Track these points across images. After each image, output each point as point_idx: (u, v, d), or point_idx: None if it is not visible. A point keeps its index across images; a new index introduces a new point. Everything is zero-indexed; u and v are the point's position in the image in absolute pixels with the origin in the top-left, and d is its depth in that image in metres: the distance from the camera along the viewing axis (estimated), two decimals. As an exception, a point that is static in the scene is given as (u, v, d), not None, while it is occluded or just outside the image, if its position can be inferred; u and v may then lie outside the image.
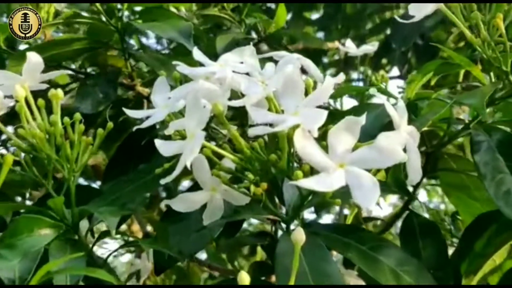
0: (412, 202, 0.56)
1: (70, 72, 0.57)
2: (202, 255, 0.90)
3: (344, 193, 0.36)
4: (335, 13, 1.21)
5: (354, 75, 1.22)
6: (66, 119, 0.42)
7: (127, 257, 1.19)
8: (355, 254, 0.42)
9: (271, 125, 0.36)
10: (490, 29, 0.43)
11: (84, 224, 0.46)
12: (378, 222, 0.83)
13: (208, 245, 0.51)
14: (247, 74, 0.46)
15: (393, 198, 1.29)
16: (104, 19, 0.64)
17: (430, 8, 0.41)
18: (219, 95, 0.40)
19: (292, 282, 0.34)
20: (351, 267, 0.72)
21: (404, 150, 0.38)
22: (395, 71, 1.24)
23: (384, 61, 1.19)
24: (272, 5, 1.10)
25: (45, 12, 0.70)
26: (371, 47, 0.84)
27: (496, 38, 0.43)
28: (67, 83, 0.74)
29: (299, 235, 0.34)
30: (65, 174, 0.42)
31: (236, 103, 0.39)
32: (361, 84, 0.99)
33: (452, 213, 0.76)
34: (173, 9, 0.79)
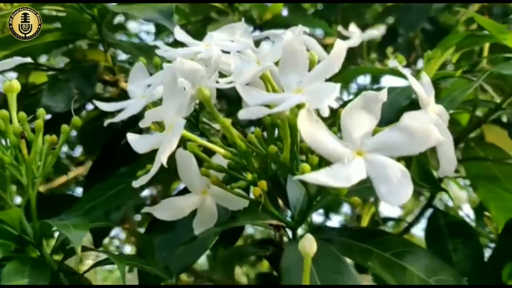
0: (433, 199, 0.49)
1: (29, 60, 0.50)
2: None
3: (363, 189, 0.29)
4: (334, 5, 1.14)
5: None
6: (22, 114, 0.35)
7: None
8: (377, 263, 0.34)
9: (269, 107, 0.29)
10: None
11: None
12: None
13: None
14: (238, 52, 0.38)
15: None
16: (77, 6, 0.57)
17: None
18: (204, 76, 0.33)
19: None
20: (364, 272, 0.65)
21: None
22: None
23: (389, 50, 1.12)
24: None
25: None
26: (376, 32, 0.77)
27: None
28: (44, 82, 0.67)
29: (309, 244, 0.27)
30: (23, 181, 0.35)
31: (223, 82, 0.32)
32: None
33: (475, 208, 0.68)
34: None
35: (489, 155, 0.50)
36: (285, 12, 1.15)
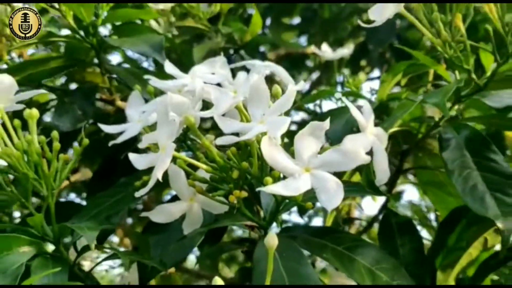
0: (389, 201, 0.57)
1: (45, 91, 0.57)
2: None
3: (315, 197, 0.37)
4: (312, 18, 1.22)
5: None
6: (42, 137, 0.43)
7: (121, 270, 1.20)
8: (331, 255, 0.43)
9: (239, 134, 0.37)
10: (452, 30, 0.45)
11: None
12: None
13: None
14: (219, 84, 0.47)
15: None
16: (79, 36, 0.65)
17: (390, 11, 0.43)
18: (190, 107, 0.41)
19: (267, 281, 0.35)
20: None
21: (371, 151, 0.40)
22: (376, 72, 1.26)
23: (364, 63, 1.21)
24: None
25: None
26: (346, 50, 0.85)
27: (457, 38, 0.45)
28: (47, 101, 0.75)
29: (271, 240, 0.35)
30: (44, 192, 0.43)
31: (205, 113, 0.40)
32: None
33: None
34: (152, 22, 0.80)
35: (436, 165, 0.58)
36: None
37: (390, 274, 0.42)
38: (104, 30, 0.70)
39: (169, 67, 0.49)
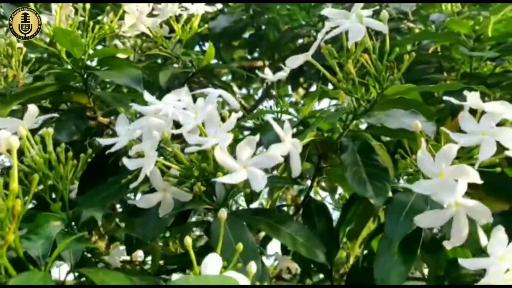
0: (310, 191, 0.78)
1: (56, 115, 0.74)
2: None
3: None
4: (259, 41, 1.43)
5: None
6: (59, 148, 0.61)
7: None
8: (263, 226, 0.62)
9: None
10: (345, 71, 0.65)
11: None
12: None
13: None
14: (184, 108, 0.65)
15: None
16: (70, 67, 0.82)
17: (301, 60, 0.63)
18: (165, 126, 0.60)
19: (219, 247, 0.53)
20: (286, 254, 0.94)
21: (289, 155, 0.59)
22: (313, 87, 1.48)
23: (302, 79, 1.42)
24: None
25: (16, 61, 0.87)
26: (283, 73, 1.05)
27: (349, 76, 0.65)
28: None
29: (222, 214, 0.54)
30: (60, 187, 0.60)
31: (177, 131, 0.59)
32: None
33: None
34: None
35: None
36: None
37: (305, 238, 0.62)
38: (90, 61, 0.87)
39: (147, 96, 0.67)
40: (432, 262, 0.61)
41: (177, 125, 0.62)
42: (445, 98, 0.63)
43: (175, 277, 0.46)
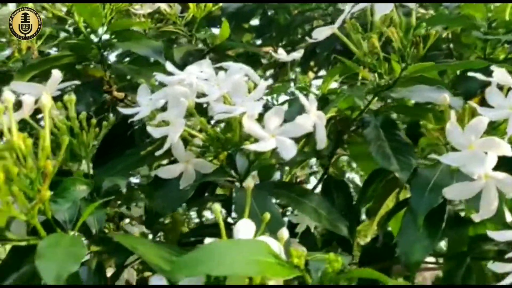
0: (328, 168, 0.77)
1: (78, 82, 0.73)
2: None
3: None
4: (268, 24, 1.42)
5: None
6: (82, 115, 0.60)
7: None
8: (286, 199, 0.62)
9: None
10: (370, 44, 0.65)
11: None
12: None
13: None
14: (206, 80, 0.65)
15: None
16: (86, 38, 0.81)
17: (327, 32, 0.62)
18: (190, 95, 0.59)
19: (246, 215, 0.53)
20: (294, 237, 0.93)
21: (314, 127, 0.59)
22: (323, 71, 1.47)
23: (312, 63, 1.41)
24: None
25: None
26: (297, 54, 1.05)
27: (374, 51, 0.65)
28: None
29: (250, 183, 0.54)
30: (83, 154, 0.60)
31: (202, 100, 0.58)
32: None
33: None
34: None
35: (363, 141, 0.79)
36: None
37: (328, 212, 0.62)
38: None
39: (169, 66, 0.67)
40: (455, 238, 0.61)
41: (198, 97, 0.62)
42: (470, 74, 0.62)
43: (208, 240, 0.45)
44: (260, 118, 0.57)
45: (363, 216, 0.83)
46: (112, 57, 1.06)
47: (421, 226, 0.56)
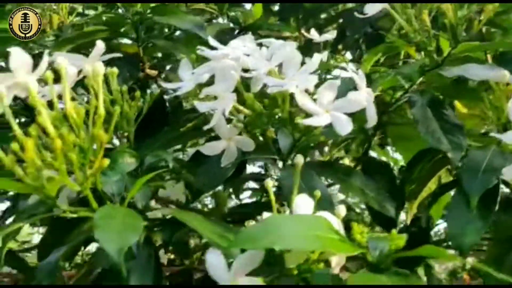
0: (369, 149, 0.76)
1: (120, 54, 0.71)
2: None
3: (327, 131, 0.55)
4: (293, 8, 1.39)
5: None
6: (124, 87, 0.59)
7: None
8: (333, 178, 0.61)
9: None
10: (420, 21, 0.63)
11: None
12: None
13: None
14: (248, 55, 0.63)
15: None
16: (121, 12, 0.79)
17: (380, 6, 0.60)
18: (237, 69, 0.58)
19: (295, 193, 0.51)
20: None
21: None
22: (348, 55, 1.45)
23: (340, 47, 1.38)
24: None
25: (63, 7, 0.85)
26: (329, 35, 1.03)
27: (424, 28, 0.63)
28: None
29: (300, 159, 0.52)
30: (126, 127, 0.58)
31: (250, 74, 0.57)
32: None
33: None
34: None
35: (404, 122, 0.77)
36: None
37: (376, 193, 0.60)
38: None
39: (212, 41, 0.65)
40: (508, 221, 0.59)
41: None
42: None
43: (266, 215, 0.44)
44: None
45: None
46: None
47: (474, 208, 0.54)
